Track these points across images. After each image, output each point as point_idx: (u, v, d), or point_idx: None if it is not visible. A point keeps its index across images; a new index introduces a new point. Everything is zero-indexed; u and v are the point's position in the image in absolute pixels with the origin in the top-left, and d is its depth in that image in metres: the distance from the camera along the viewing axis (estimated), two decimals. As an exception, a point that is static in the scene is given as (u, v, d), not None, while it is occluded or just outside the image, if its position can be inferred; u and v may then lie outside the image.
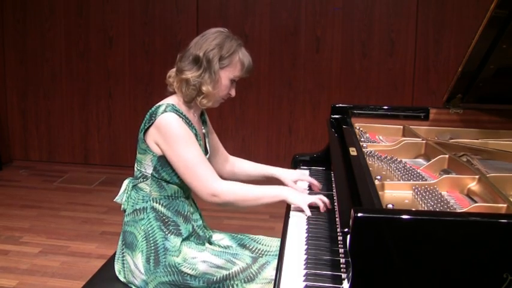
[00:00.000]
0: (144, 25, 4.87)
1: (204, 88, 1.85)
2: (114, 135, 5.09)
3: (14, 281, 2.94)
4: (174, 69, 1.92)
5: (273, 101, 4.87)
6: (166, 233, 1.85)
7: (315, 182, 2.11)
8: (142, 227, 1.86)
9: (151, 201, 1.87)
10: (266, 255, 1.95)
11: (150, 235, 1.84)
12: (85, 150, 5.17)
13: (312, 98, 4.81)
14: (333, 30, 4.70)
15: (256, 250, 1.99)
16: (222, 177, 2.17)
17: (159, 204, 1.87)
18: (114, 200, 1.96)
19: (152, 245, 1.83)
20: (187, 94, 1.87)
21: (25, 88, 5.12)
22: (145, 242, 1.84)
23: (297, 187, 2.09)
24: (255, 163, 2.24)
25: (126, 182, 1.96)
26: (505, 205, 1.45)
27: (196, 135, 1.88)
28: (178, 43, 4.68)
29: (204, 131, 2.03)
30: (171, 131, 1.80)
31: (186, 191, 1.94)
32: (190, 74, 1.85)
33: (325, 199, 1.87)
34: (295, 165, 2.44)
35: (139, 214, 1.88)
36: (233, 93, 1.94)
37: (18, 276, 3.00)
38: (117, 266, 1.92)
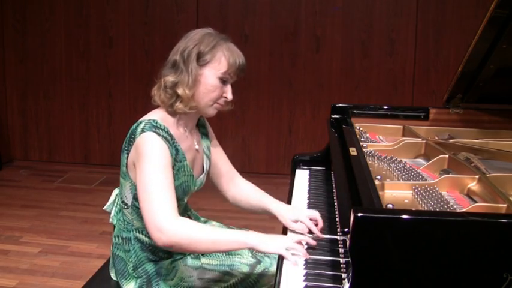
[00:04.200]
0: (144, 25, 4.87)
1: (179, 91, 1.65)
2: (114, 135, 5.09)
3: (14, 281, 2.94)
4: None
5: (273, 101, 4.87)
6: (157, 260, 1.75)
7: (314, 228, 1.72)
8: (130, 259, 1.75)
9: (134, 231, 1.75)
10: (266, 255, 1.88)
11: (139, 267, 1.74)
12: (85, 150, 5.17)
13: (311, 98, 4.81)
14: (333, 30, 4.70)
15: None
16: (226, 199, 1.98)
17: (143, 234, 1.74)
18: (103, 209, 1.86)
19: (144, 275, 1.74)
20: (163, 101, 1.68)
21: (25, 88, 5.12)
22: (135, 273, 1.75)
23: (296, 227, 1.74)
24: (260, 192, 1.94)
25: (115, 191, 1.85)
26: (505, 205, 1.45)
27: (177, 152, 1.69)
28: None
29: (197, 147, 1.83)
30: (143, 152, 1.60)
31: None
32: (167, 78, 1.67)
33: (309, 240, 1.60)
34: (295, 165, 2.44)
35: (125, 244, 1.77)
36: (229, 95, 1.72)
37: (18, 276, 3.00)
38: (113, 273, 1.87)
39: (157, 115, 1.70)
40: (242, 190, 1.95)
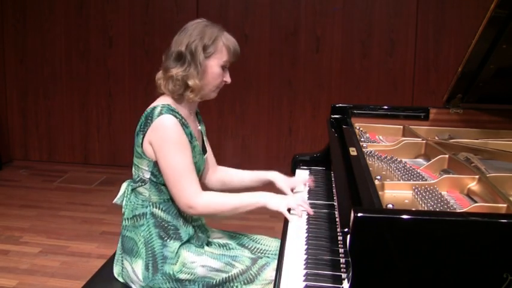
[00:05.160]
0: (144, 25, 4.87)
1: (190, 82, 1.80)
2: (114, 135, 5.09)
3: (14, 281, 2.94)
4: (161, 71, 1.89)
5: (273, 100, 4.87)
6: (165, 239, 1.83)
7: (308, 182, 2.11)
8: (142, 233, 1.84)
9: (151, 207, 1.85)
10: (265, 255, 1.94)
11: (149, 243, 1.83)
12: (85, 150, 5.17)
13: (311, 98, 4.81)
14: (333, 30, 4.70)
15: (255, 249, 1.98)
16: (210, 187, 2.10)
17: (159, 209, 1.85)
18: (114, 202, 1.92)
19: (150, 252, 1.82)
20: (174, 91, 1.82)
21: (25, 88, 5.12)
22: (144, 249, 1.82)
23: (291, 192, 2.04)
24: (243, 170, 2.16)
25: (124, 184, 1.93)
26: (505, 205, 1.45)
27: (191, 134, 1.85)
28: (178, 43, 4.66)
29: (199, 128, 1.99)
30: (166, 135, 1.76)
31: None
32: (175, 71, 1.81)
33: (307, 206, 1.86)
34: (295, 165, 2.44)
35: (138, 220, 1.85)
36: (228, 79, 1.88)
37: (18, 276, 3.00)
38: (116, 269, 1.91)
39: (167, 100, 1.84)
40: (227, 172, 2.14)
